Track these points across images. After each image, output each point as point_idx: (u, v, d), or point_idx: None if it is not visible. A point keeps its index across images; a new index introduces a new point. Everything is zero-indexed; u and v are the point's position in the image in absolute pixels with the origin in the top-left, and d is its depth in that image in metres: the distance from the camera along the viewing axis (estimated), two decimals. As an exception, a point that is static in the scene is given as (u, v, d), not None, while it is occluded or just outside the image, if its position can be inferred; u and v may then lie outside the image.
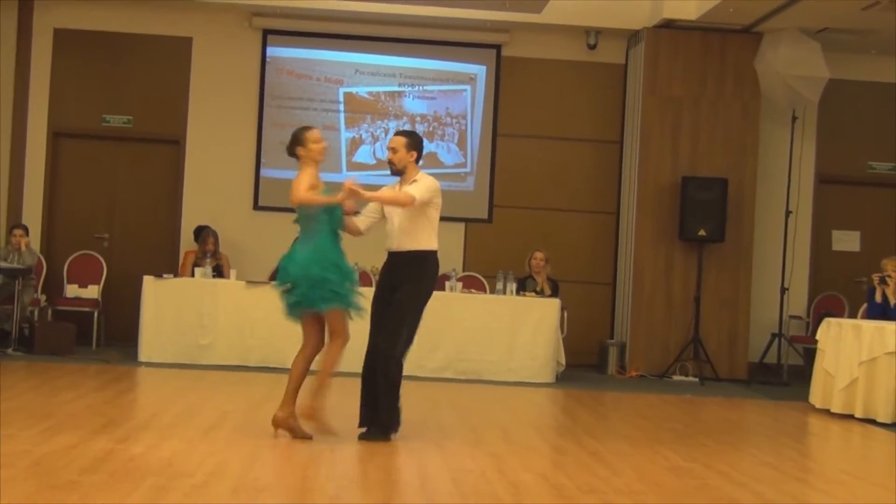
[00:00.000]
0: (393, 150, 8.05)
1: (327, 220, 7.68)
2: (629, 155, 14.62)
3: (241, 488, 5.98)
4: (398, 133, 8.29)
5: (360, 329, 7.92)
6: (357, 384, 8.05)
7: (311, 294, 7.58)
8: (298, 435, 7.71)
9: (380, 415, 7.91)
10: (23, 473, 6.08)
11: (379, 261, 8.36)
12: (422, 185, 7.93)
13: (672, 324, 14.05)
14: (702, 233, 13.75)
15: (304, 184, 7.64)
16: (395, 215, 8.00)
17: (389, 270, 8.09)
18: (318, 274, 7.55)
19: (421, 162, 8.19)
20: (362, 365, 8.04)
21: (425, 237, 8.00)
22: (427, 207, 7.97)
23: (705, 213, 13.72)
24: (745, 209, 14.12)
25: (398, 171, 8.07)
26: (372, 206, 8.13)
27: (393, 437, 7.92)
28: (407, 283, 7.91)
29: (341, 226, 7.82)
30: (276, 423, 7.73)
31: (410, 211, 7.89)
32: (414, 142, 8.10)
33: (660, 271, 14.10)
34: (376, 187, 8.37)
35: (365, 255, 11.15)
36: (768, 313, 14.35)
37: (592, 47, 14.81)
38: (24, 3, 14.40)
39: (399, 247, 7.97)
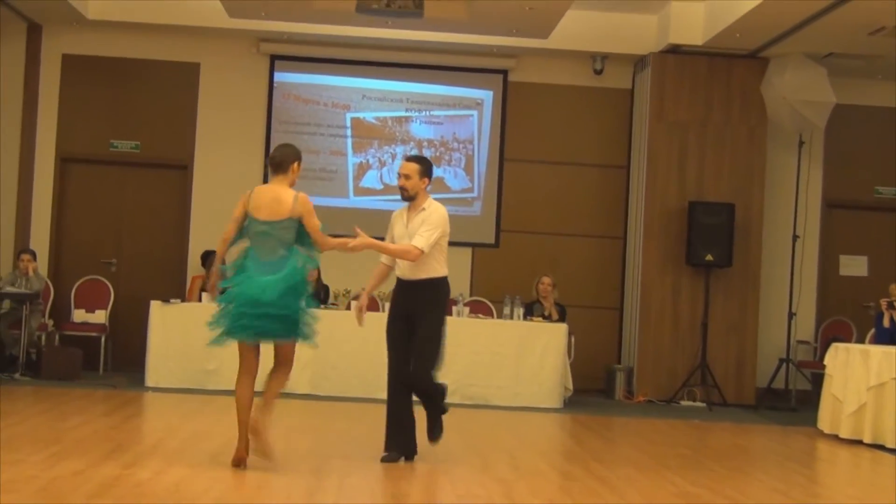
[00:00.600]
0: (406, 176, 8.05)
1: (303, 244, 7.57)
2: (636, 180, 14.63)
3: (248, 514, 5.97)
4: (410, 159, 8.26)
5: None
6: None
7: (281, 324, 7.38)
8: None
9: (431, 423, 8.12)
10: (30, 499, 6.07)
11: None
12: (429, 222, 7.95)
13: (679, 349, 14.03)
14: (709, 258, 13.74)
15: (319, 226, 7.53)
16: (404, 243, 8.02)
17: (404, 298, 8.12)
18: (294, 305, 7.38)
19: (429, 187, 8.21)
20: (387, 391, 8.07)
21: (437, 265, 8.06)
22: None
23: (712, 238, 13.71)
24: (753, 234, 14.11)
25: (410, 198, 8.08)
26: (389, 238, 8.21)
27: (403, 462, 7.94)
28: (427, 311, 7.99)
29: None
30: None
31: None
32: (426, 168, 8.14)
33: (667, 296, 14.09)
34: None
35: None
36: (776, 338, 14.33)
37: (599, 72, 14.84)
38: (33, 28, 14.47)
39: (413, 276, 8.01)
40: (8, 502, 5.91)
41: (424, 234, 7.88)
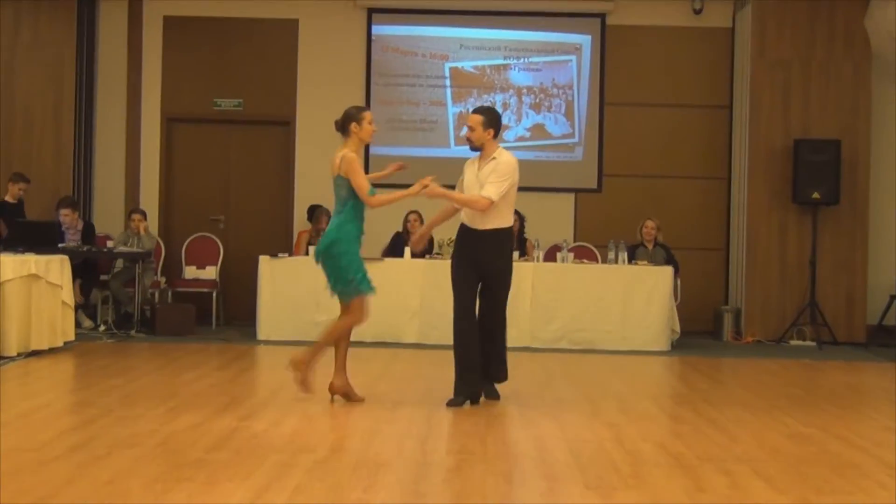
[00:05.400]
0: (470, 128, 8.28)
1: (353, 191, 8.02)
2: (739, 119, 14.49)
3: (362, 464, 6.06)
4: (476, 111, 8.47)
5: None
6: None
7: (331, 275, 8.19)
8: (354, 399, 8.24)
9: (499, 370, 8.50)
10: (151, 452, 6.24)
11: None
12: (498, 172, 8.12)
13: (787, 288, 13.92)
14: (816, 196, 13.58)
15: (364, 183, 7.97)
16: (473, 192, 8.19)
17: (469, 246, 8.28)
18: (330, 261, 8.11)
19: (503, 139, 8.28)
20: (462, 334, 8.23)
21: (503, 215, 8.26)
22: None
23: (819, 176, 13.55)
24: (860, 170, 13.91)
25: (476, 148, 8.32)
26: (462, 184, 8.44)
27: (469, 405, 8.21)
28: (497, 260, 8.26)
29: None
30: (333, 390, 8.22)
31: None
32: (489, 119, 8.30)
33: (773, 235, 13.97)
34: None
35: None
36: (886, 275, 14.13)
37: (698, 12, 14.68)
38: (134, -8, 14.72)
39: (482, 225, 8.21)
40: (131, 456, 6.09)
41: (494, 184, 8.07)
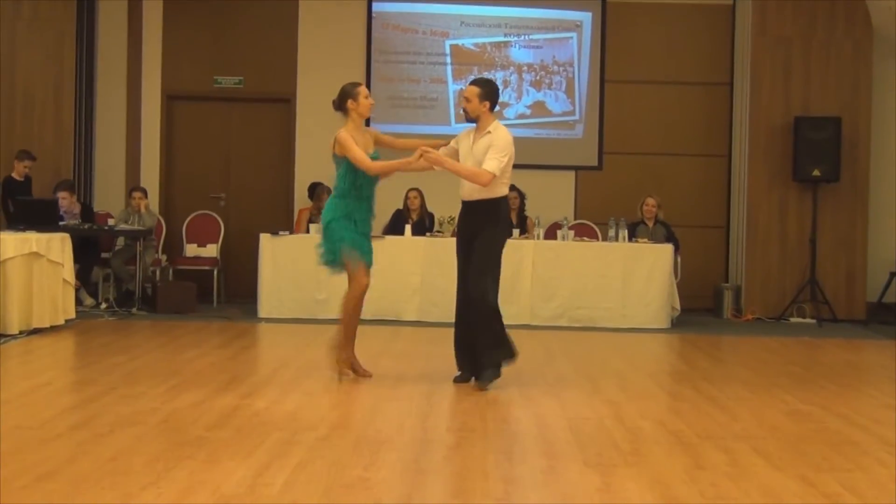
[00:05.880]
0: (466, 99, 8.21)
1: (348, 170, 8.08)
2: (739, 97, 14.48)
3: (363, 441, 6.09)
4: (473, 82, 8.41)
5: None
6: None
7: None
8: (361, 374, 8.34)
9: (480, 360, 8.12)
10: (153, 430, 6.27)
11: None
12: (496, 147, 7.99)
13: (788, 265, 13.93)
14: (816, 173, 13.58)
15: (360, 154, 7.96)
16: (469, 165, 8.12)
17: (465, 220, 8.27)
18: (325, 236, 8.22)
19: (496, 109, 8.27)
20: (461, 317, 8.25)
21: (497, 186, 8.10)
22: None
23: (819, 154, 13.55)
24: (860, 148, 13.91)
25: (471, 119, 8.22)
26: (449, 147, 8.34)
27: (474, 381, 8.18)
28: (484, 229, 8.09)
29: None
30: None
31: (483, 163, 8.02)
32: (487, 91, 8.20)
33: (774, 213, 13.97)
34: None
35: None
36: (886, 252, 14.14)
37: (699, -11, 14.69)
38: (135, -31, 14.69)
39: (471, 196, 8.13)
40: (133, 434, 6.12)
41: (495, 159, 7.95)
